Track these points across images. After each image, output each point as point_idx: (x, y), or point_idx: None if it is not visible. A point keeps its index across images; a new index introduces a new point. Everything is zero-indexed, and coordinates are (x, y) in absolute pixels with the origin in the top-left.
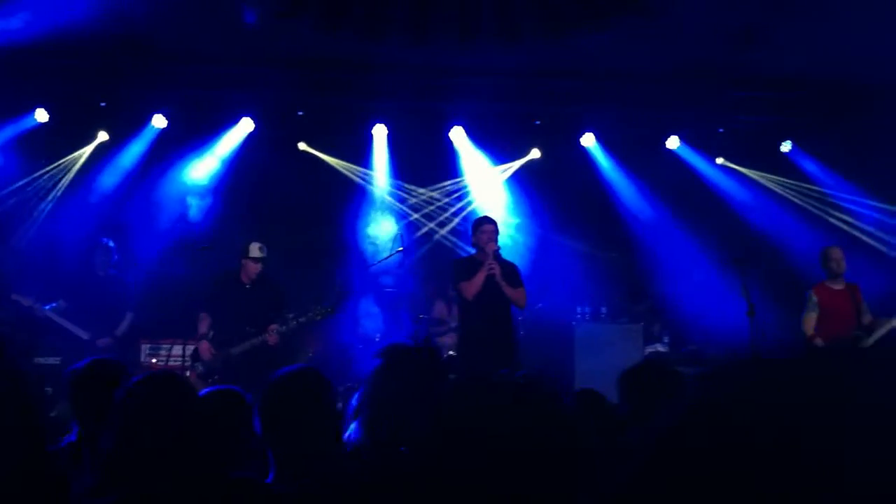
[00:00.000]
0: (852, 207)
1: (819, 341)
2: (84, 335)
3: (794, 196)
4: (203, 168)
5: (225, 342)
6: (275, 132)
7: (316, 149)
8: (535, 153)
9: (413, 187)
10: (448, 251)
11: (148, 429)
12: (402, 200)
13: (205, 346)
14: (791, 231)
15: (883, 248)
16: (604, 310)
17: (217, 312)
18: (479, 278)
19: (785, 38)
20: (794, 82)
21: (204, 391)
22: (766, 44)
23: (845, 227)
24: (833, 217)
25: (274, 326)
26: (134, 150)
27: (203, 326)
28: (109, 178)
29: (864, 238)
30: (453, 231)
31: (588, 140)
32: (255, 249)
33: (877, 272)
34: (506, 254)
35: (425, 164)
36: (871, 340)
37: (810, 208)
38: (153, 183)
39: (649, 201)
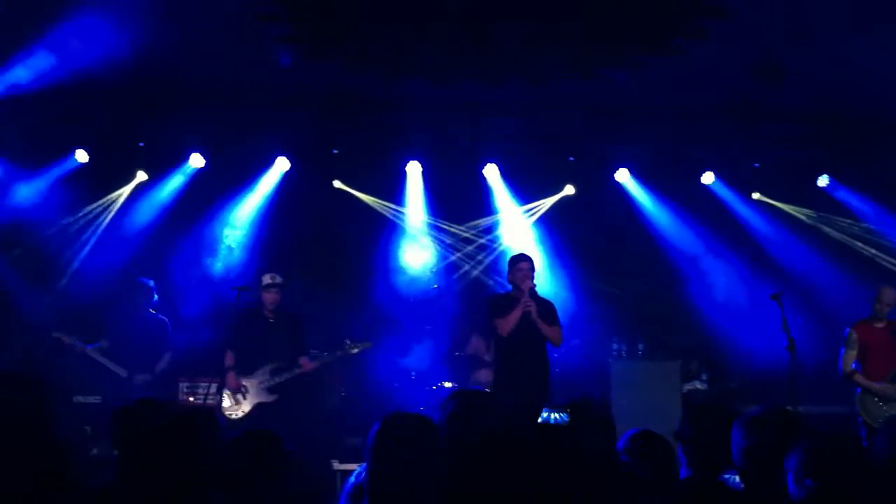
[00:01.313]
0: (890, 242)
1: (859, 378)
2: (123, 373)
3: (830, 230)
4: (240, 208)
5: (251, 374)
6: (310, 170)
7: (351, 186)
8: (569, 189)
9: (448, 224)
10: (483, 288)
11: None
12: (437, 238)
13: (231, 377)
14: (827, 265)
15: None
16: (640, 346)
17: (241, 348)
18: (515, 315)
19: (812, 72)
20: (826, 116)
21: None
22: (792, 79)
23: (884, 262)
24: (869, 251)
25: (305, 359)
26: (171, 189)
27: (229, 360)
28: (148, 218)
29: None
30: (488, 268)
31: (622, 176)
32: (266, 278)
33: None
34: (541, 291)
35: (460, 201)
36: None
37: (847, 242)
38: (191, 222)
39: (685, 237)
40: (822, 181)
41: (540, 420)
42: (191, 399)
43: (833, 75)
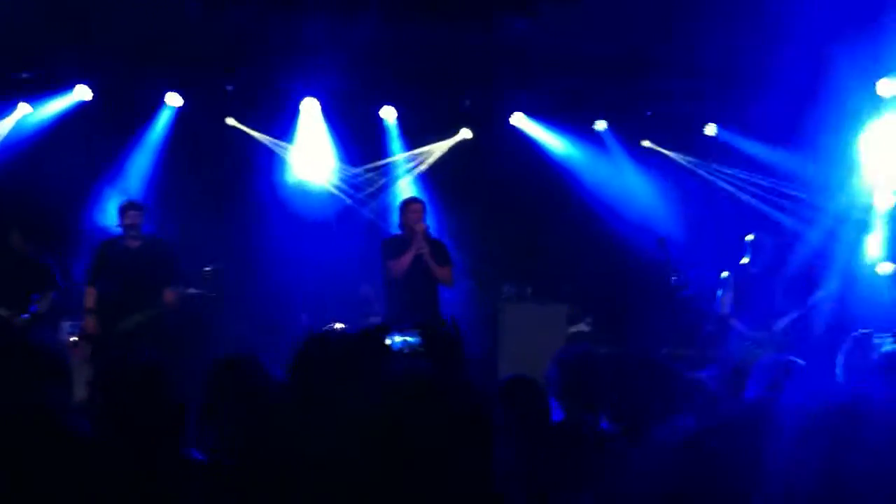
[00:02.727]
0: (772, 190)
1: (735, 322)
2: (3, 313)
3: (716, 179)
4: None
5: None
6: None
7: (244, 124)
8: (465, 133)
9: (343, 165)
10: (377, 231)
11: None
12: (331, 180)
13: (90, 322)
14: (712, 213)
15: (798, 230)
16: (529, 290)
17: (101, 283)
18: (408, 257)
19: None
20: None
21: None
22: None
23: (763, 208)
24: (752, 198)
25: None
26: (55, 121)
27: (89, 300)
28: (28, 152)
29: (781, 219)
30: (382, 210)
31: (517, 119)
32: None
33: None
34: (435, 234)
35: (355, 142)
36: (781, 325)
37: (731, 191)
38: (75, 157)
39: (578, 181)
40: (710, 130)
41: (389, 344)
42: (73, 339)
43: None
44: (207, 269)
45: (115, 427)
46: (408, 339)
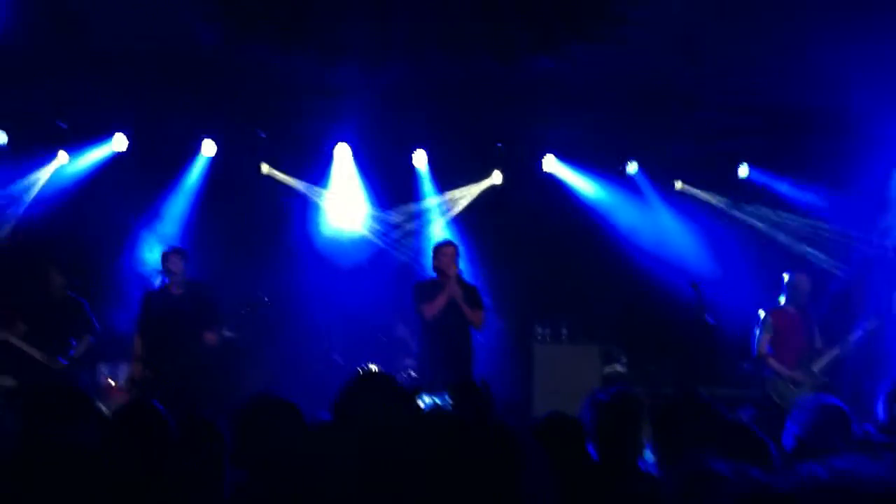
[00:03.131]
0: (805, 229)
1: (772, 362)
2: (40, 357)
3: (749, 219)
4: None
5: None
6: (237, 154)
7: (279, 170)
8: (496, 177)
9: (376, 210)
10: (410, 273)
11: None
12: (365, 222)
13: (136, 367)
14: (745, 252)
15: (834, 270)
16: (564, 331)
17: (149, 331)
18: (441, 300)
19: (735, 61)
20: (746, 107)
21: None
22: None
23: (797, 248)
24: (785, 238)
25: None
26: (93, 171)
27: (137, 349)
28: (68, 200)
29: (814, 259)
30: (415, 253)
31: (549, 162)
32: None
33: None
34: (466, 276)
35: (388, 186)
36: (817, 366)
37: (763, 230)
38: (114, 205)
39: (610, 222)
40: (743, 171)
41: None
42: (111, 382)
43: (756, 65)
44: (247, 307)
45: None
46: (437, 399)
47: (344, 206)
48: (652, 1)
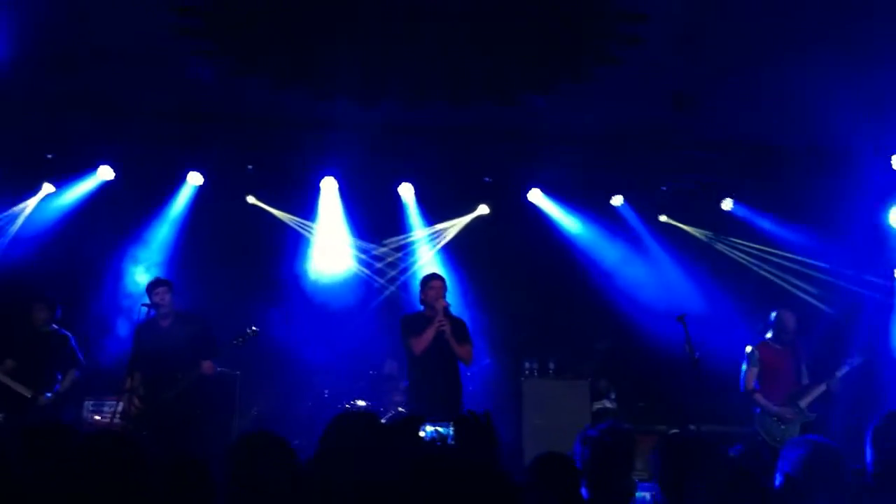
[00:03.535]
0: (790, 265)
1: (759, 397)
2: (26, 392)
3: (733, 253)
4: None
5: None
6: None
7: (265, 202)
8: (482, 209)
9: (363, 243)
10: (397, 306)
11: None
12: (351, 255)
13: (129, 400)
14: (731, 286)
15: (820, 305)
16: (551, 365)
17: (142, 365)
18: (429, 334)
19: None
20: (729, 144)
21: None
22: (696, 108)
23: (782, 283)
24: (770, 273)
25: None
26: (79, 202)
27: (129, 384)
28: (55, 231)
29: (800, 294)
30: (402, 286)
31: (535, 196)
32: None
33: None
34: (453, 310)
35: (374, 219)
36: (805, 401)
37: (746, 262)
38: (99, 236)
39: (595, 257)
40: (727, 205)
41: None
42: (96, 418)
43: (742, 103)
44: (238, 339)
45: None
46: (440, 429)
47: (330, 238)
48: (640, 41)
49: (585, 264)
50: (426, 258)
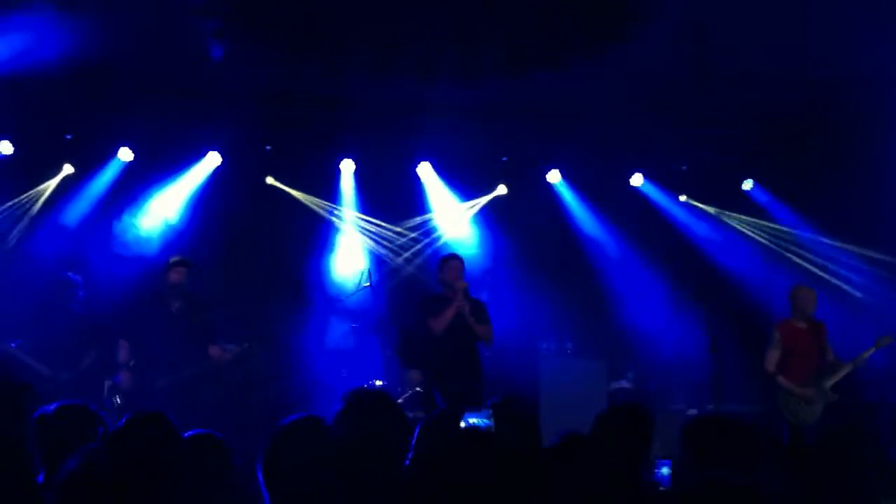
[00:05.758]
0: (817, 247)
1: (782, 380)
2: (46, 372)
3: (755, 233)
4: (170, 202)
5: (149, 372)
6: (242, 166)
7: (284, 183)
8: (501, 189)
9: (381, 223)
10: (416, 286)
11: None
12: (370, 235)
13: (125, 376)
14: (753, 268)
15: (846, 287)
16: (569, 345)
17: (138, 338)
18: (448, 314)
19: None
20: (753, 120)
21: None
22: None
23: (807, 265)
24: (795, 255)
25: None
26: (99, 183)
27: (123, 354)
28: (75, 212)
29: (829, 277)
30: (421, 267)
31: (554, 177)
32: (174, 258)
33: (839, 312)
34: (473, 290)
35: (393, 200)
36: (829, 382)
37: (772, 246)
38: (120, 217)
39: (614, 238)
40: (747, 185)
41: (463, 424)
42: (116, 400)
43: (760, 77)
44: (248, 343)
45: None
46: (479, 420)
47: (349, 219)
48: (659, 16)
49: (604, 243)
50: (446, 237)
